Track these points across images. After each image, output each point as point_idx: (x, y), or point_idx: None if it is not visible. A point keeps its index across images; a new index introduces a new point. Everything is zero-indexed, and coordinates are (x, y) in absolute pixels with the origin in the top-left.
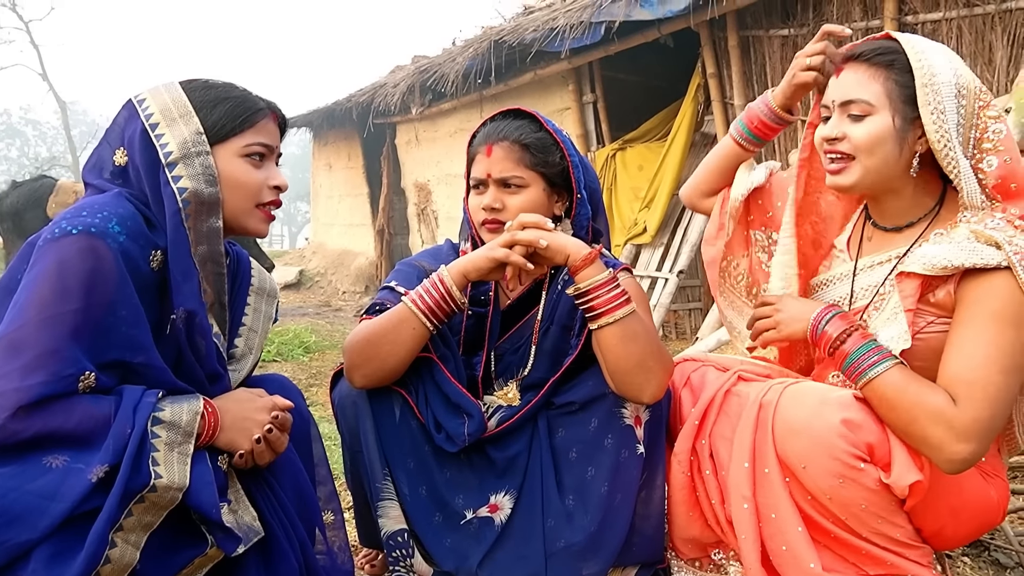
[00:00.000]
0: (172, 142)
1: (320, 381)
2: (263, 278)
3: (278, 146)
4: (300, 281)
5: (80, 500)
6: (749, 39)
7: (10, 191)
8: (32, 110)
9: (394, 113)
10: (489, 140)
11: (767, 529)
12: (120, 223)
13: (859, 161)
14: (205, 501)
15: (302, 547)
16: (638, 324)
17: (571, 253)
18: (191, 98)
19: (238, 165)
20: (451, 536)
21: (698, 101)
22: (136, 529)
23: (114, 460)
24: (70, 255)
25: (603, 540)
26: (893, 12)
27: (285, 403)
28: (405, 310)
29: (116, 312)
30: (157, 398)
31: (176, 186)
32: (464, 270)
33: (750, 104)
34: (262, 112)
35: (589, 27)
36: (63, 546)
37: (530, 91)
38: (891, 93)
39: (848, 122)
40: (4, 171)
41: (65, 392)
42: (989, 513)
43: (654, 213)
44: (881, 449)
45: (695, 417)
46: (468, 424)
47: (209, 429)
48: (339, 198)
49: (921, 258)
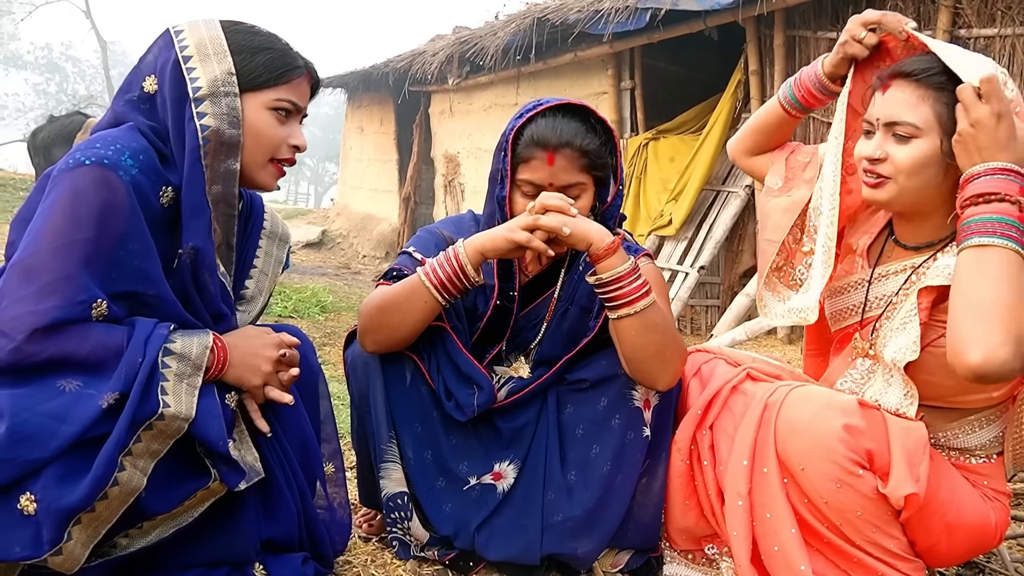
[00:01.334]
0: (202, 78)
1: (334, 341)
2: (275, 222)
3: (306, 106)
4: (322, 241)
5: (90, 424)
6: (796, 39)
7: (46, 125)
8: (73, 47)
9: (430, 82)
10: (550, 147)
11: (760, 528)
12: (132, 156)
13: (896, 181)
14: (212, 433)
15: (301, 495)
16: (657, 315)
17: (594, 241)
18: (231, 40)
19: (264, 117)
20: (452, 501)
21: (737, 97)
22: (144, 455)
23: (124, 388)
24: (83, 185)
25: (600, 518)
26: (947, 24)
27: (292, 340)
28: (417, 282)
29: (127, 244)
30: (169, 330)
31: (200, 122)
32: (482, 248)
33: (802, 69)
34: (299, 70)
35: (634, 12)
36: (73, 466)
37: (568, 72)
38: (940, 116)
39: (892, 142)
40: (42, 105)
41: (79, 318)
42: (986, 535)
43: (681, 206)
44: (881, 458)
45: (699, 407)
46: (478, 395)
47: (218, 364)
48: (368, 162)
49: (944, 269)
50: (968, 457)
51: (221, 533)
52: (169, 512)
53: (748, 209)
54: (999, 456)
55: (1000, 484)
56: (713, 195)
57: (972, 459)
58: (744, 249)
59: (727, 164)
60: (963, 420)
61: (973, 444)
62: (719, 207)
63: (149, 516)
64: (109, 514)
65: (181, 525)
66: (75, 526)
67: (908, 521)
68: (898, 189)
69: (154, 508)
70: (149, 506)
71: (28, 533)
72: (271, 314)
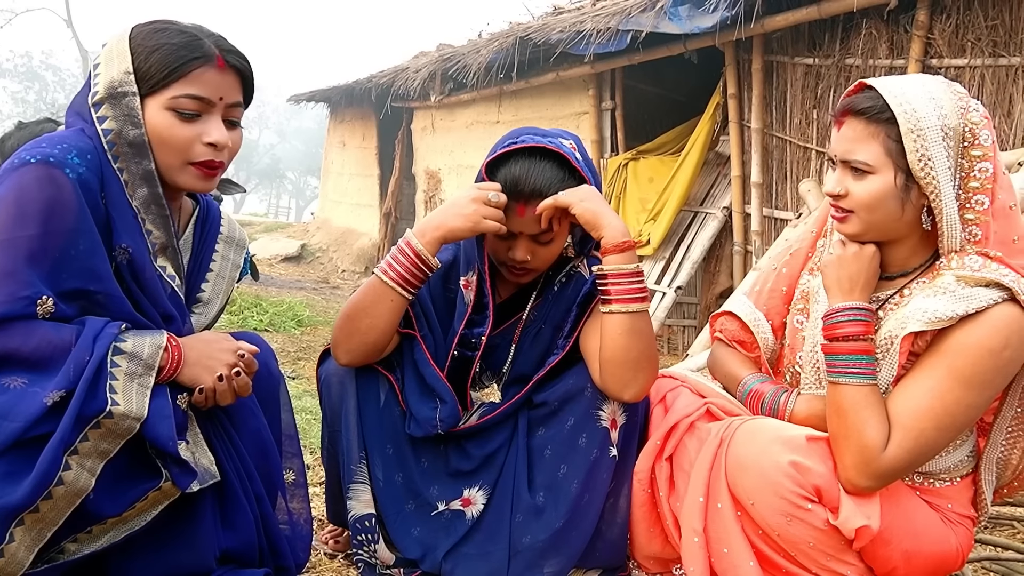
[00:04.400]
0: (102, 82)
1: (309, 355)
2: (232, 227)
3: (225, 97)
4: (301, 255)
5: (34, 421)
6: (773, 64)
7: (14, 132)
8: (53, 55)
9: (413, 98)
10: (522, 197)
11: (719, 564)
12: (80, 155)
13: (859, 216)
14: (162, 433)
15: (259, 502)
16: (645, 324)
17: (605, 235)
18: (134, 41)
19: (163, 118)
20: (420, 526)
21: (715, 120)
22: (92, 455)
23: (70, 386)
24: (28, 182)
25: (568, 538)
26: (919, 54)
27: (251, 348)
28: (377, 282)
29: (75, 241)
30: (120, 329)
31: (101, 127)
32: (439, 235)
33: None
34: (198, 60)
35: (616, 34)
36: (16, 464)
37: (550, 91)
38: (891, 151)
39: (850, 178)
40: (20, 113)
41: (22, 314)
42: (946, 560)
43: (659, 226)
44: (830, 492)
45: (657, 437)
46: (440, 409)
47: (172, 363)
48: (349, 177)
49: (923, 314)
50: (932, 481)
51: (177, 542)
52: (119, 515)
53: (726, 230)
54: (963, 478)
55: (964, 507)
56: (691, 216)
57: (936, 483)
58: (721, 270)
59: (705, 185)
60: None
61: (938, 468)
62: (697, 228)
63: (99, 519)
64: (55, 515)
65: (133, 529)
66: (18, 527)
67: (863, 550)
68: (861, 223)
69: (103, 510)
70: (98, 508)
71: None
72: (247, 327)
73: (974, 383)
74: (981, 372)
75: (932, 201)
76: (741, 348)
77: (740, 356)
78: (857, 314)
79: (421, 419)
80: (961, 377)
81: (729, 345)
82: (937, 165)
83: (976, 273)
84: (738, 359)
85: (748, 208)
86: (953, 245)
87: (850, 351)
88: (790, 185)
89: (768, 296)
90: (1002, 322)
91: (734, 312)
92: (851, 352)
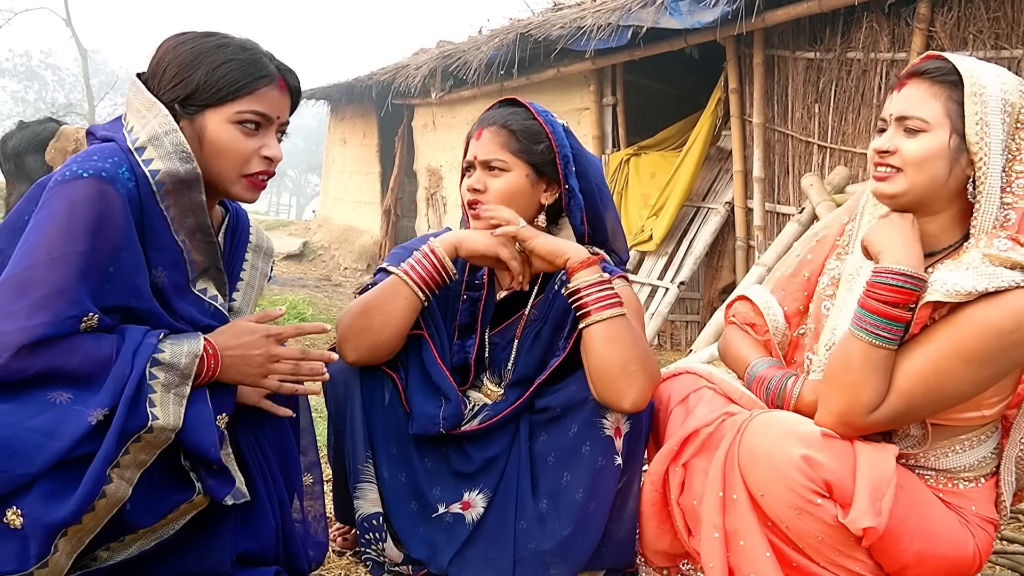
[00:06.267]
0: (142, 133)
1: None
2: (260, 236)
3: (281, 115)
4: (303, 253)
5: (79, 440)
6: (774, 58)
7: (16, 132)
8: (53, 55)
9: (414, 95)
10: (480, 125)
11: (735, 557)
12: (130, 170)
13: (906, 174)
14: (203, 440)
15: (281, 507)
16: (625, 327)
17: (570, 257)
18: (194, 53)
19: (227, 131)
20: (424, 527)
21: (717, 115)
22: (131, 466)
23: (112, 403)
24: (80, 197)
25: (574, 546)
26: (920, 47)
27: (287, 331)
28: (398, 281)
29: (120, 257)
30: (158, 339)
31: (147, 169)
32: (457, 243)
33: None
34: (265, 79)
35: (616, 30)
36: (62, 481)
37: (551, 87)
38: (950, 113)
39: (902, 136)
40: (20, 113)
41: (67, 333)
42: (963, 563)
43: (661, 221)
44: (843, 488)
45: (675, 442)
46: (444, 407)
47: (209, 371)
48: (350, 174)
49: (943, 285)
50: (956, 482)
51: (198, 546)
52: (152, 526)
53: (728, 225)
54: (987, 479)
55: (988, 510)
56: (693, 211)
57: (960, 483)
58: (723, 265)
59: (707, 180)
60: (953, 439)
61: (960, 464)
62: (699, 223)
63: (132, 530)
64: (94, 524)
65: (163, 538)
66: (61, 538)
67: (873, 547)
68: (906, 182)
69: (138, 522)
70: (133, 519)
71: (14, 548)
72: None
73: (975, 359)
74: (984, 349)
75: (978, 171)
76: (752, 331)
77: (750, 339)
78: (912, 282)
79: (424, 417)
80: (962, 349)
81: (741, 328)
82: (992, 133)
83: (1003, 253)
84: (748, 342)
85: (750, 203)
86: (986, 225)
87: (888, 315)
88: (792, 180)
89: (787, 282)
90: (1018, 304)
91: (747, 296)
92: (888, 317)
